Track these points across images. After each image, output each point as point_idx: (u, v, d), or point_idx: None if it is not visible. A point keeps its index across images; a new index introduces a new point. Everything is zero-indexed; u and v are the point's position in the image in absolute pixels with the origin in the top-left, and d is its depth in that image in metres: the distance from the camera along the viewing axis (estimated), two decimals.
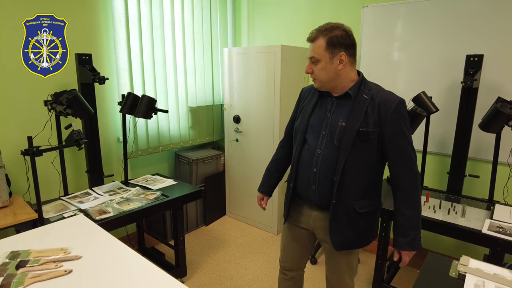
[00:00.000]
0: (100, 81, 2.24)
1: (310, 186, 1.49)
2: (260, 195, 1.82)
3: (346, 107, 1.41)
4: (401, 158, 1.40)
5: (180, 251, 2.50)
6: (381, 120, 1.36)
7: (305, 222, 1.60)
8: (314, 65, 1.41)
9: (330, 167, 1.42)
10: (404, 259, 1.46)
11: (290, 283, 1.80)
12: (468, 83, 2.12)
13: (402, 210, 1.43)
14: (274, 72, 2.91)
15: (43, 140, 2.19)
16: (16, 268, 1.11)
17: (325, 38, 1.35)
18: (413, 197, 1.42)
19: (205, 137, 3.53)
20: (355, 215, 1.45)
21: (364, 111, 1.37)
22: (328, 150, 1.43)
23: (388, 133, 1.37)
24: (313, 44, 1.39)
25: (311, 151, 1.47)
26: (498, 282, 1.13)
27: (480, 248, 1.90)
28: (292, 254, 1.73)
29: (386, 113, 1.35)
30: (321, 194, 1.47)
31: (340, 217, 1.45)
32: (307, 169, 1.49)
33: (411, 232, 1.42)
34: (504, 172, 2.28)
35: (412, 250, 1.43)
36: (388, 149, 1.40)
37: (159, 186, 2.49)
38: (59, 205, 2.10)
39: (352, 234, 1.48)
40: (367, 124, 1.36)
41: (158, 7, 2.87)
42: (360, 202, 1.45)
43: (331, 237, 1.47)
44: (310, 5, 3.16)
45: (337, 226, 1.46)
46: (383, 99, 1.37)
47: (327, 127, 1.44)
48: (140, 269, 1.13)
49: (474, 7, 2.35)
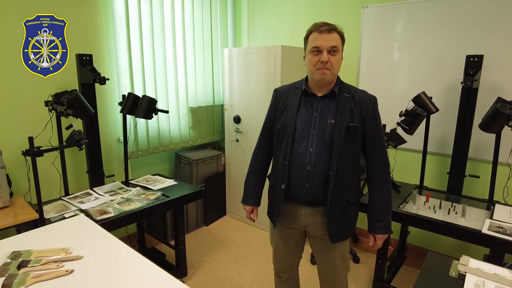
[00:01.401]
0: (101, 82, 2.25)
1: (303, 185, 1.50)
2: (249, 207, 1.75)
3: (332, 106, 1.48)
4: (378, 151, 1.53)
5: (180, 251, 2.50)
6: (363, 116, 1.48)
7: (295, 222, 1.60)
8: (331, 56, 1.40)
9: (323, 164, 1.46)
10: (378, 242, 1.59)
11: (286, 284, 1.80)
12: (468, 83, 2.13)
13: (377, 198, 1.56)
14: (275, 72, 2.92)
15: (44, 140, 2.19)
16: (18, 268, 1.11)
17: (339, 32, 1.43)
18: (387, 186, 1.56)
19: (205, 138, 3.53)
20: (348, 206, 1.53)
21: (349, 108, 1.46)
22: (319, 148, 1.46)
23: (368, 127, 1.49)
24: (332, 35, 1.39)
25: (302, 151, 1.49)
26: (498, 282, 1.13)
27: (480, 248, 1.90)
28: (285, 256, 1.72)
29: (366, 110, 1.47)
30: (314, 191, 1.49)
31: (336, 210, 1.50)
32: (300, 169, 1.49)
33: (385, 217, 1.55)
34: (504, 172, 2.29)
35: (386, 233, 1.57)
36: (368, 143, 1.52)
37: (159, 186, 2.50)
38: (60, 206, 2.10)
39: (343, 225, 1.55)
40: (353, 120, 1.46)
41: (158, 7, 2.87)
42: (350, 193, 1.53)
43: (328, 231, 1.51)
44: (311, 5, 3.17)
45: (333, 220, 1.50)
46: (362, 97, 1.49)
47: (316, 126, 1.48)
48: (141, 269, 1.13)
49: (474, 8, 2.35)
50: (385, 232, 1.57)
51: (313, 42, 1.41)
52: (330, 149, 1.45)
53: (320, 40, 1.39)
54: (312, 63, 1.43)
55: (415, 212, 2.07)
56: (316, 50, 1.40)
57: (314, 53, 1.41)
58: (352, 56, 2.94)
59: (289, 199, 1.56)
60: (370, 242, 1.61)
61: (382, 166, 1.54)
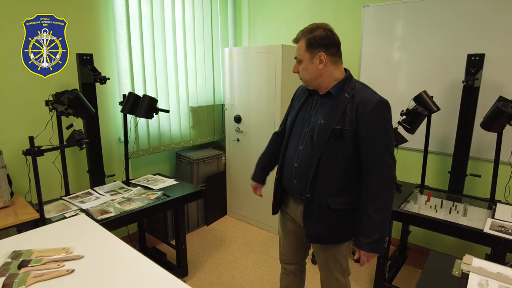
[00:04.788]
0: (101, 81, 2.24)
1: (292, 180, 1.53)
2: (254, 183, 1.84)
3: (328, 106, 1.45)
4: (372, 159, 1.37)
5: (181, 250, 2.50)
6: (358, 119, 1.35)
7: (293, 215, 1.64)
8: (298, 65, 1.47)
9: (307, 163, 1.47)
10: (362, 259, 1.45)
11: (290, 278, 1.83)
12: (469, 82, 2.12)
13: (366, 210, 1.39)
14: (275, 72, 2.91)
15: (44, 140, 2.19)
16: (18, 267, 1.11)
17: (305, 39, 1.41)
18: (379, 200, 1.37)
19: (206, 137, 3.53)
20: (328, 210, 1.45)
21: (343, 110, 1.38)
22: (307, 147, 1.48)
23: (363, 132, 1.35)
24: (297, 45, 1.45)
25: (294, 147, 1.53)
26: (501, 281, 1.13)
27: (482, 247, 1.89)
28: (287, 246, 1.76)
29: (363, 113, 1.34)
30: (301, 188, 1.51)
31: (313, 211, 1.48)
32: (290, 164, 1.54)
33: (373, 234, 1.39)
34: (505, 171, 2.28)
35: (371, 252, 1.42)
36: (361, 149, 1.38)
37: (160, 186, 2.49)
38: (60, 205, 2.10)
39: (323, 229, 1.49)
40: (343, 122, 1.37)
41: (159, 6, 2.87)
42: (335, 199, 1.44)
43: (305, 229, 1.52)
44: (311, 4, 3.16)
45: (310, 220, 1.50)
46: (362, 99, 1.36)
47: (309, 125, 1.49)
48: (143, 269, 1.12)
49: (475, 6, 2.35)
50: (370, 250, 1.41)
51: None
52: (314, 149, 1.45)
53: None
54: None
55: (416, 211, 2.07)
56: None
57: None
58: (353, 56, 2.94)
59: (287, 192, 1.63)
60: (355, 256, 1.47)
61: (376, 177, 1.37)
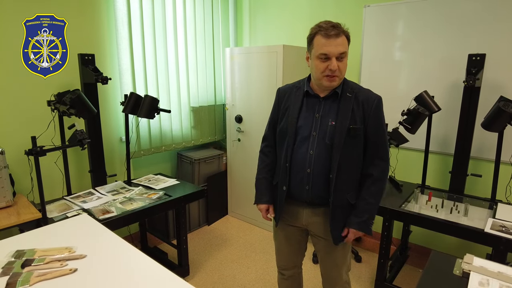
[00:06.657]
0: (103, 81, 2.25)
1: (304, 186, 1.50)
2: (264, 206, 1.67)
3: (334, 107, 1.45)
4: (379, 151, 1.48)
5: (182, 250, 2.51)
6: (365, 116, 1.43)
7: (297, 221, 1.61)
8: (339, 62, 1.35)
9: (324, 167, 1.45)
10: (349, 236, 1.52)
11: (289, 282, 1.81)
12: (470, 82, 2.12)
13: (364, 195, 1.49)
14: (276, 72, 2.92)
15: (46, 140, 2.19)
16: (22, 267, 1.11)
17: (345, 34, 1.36)
18: (379, 187, 1.49)
19: (207, 137, 3.53)
20: (348, 207, 1.51)
21: (351, 109, 1.43)
22: (320, 150, 1.45)
23: (371, 128, 1.44)
24: (340, 39, 1.33)
25: (302, 153, 1.48)
26: (502, 280, 1.13)
27: (483, 247, 1.90)
28: (287, 253, 1.73)
29: (370, 110, 1.43)
30: (314, 193, 1.49)
31: (338, 213, 1.49)
32: (300, 170, 1.49)
33: (364, 214, 1.48)
34: (506, 171, 2.28)
35: (359, 230, 1.49)
36: (369, 142, 1.47)
37: (161, 185, 2.50)
38: (62, 205, 2.11)
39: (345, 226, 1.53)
40: (355, 121, 1.43)
41: (160, 6, 2.87)
42: (351, 194, 1.51)
43: (332, 234, 1.51)
44: (312, 4, 3.16)
45: (336, 223, 1.50)
46: (366, 97, 1.45)
47: (317, 128, 1.46)
48: (145, 268, 1.13)
49: (476, 6, 2.35)
50: (359, 228, 1.48)
51: (321, 48, 1.34)
52: (330, 152, 1.43)
53: (329, 46, 1.33)
54: (319, 70, 1.38)
55: (417, 211, 2.07)
56: (324, 57, 1.35)
57: (321, 60, 1.36)
58: (354, 56, 2.94)
59: (291, 199, 1.57)
60: (344, 232, 1.52)
61: (380, 166, 1.48)
